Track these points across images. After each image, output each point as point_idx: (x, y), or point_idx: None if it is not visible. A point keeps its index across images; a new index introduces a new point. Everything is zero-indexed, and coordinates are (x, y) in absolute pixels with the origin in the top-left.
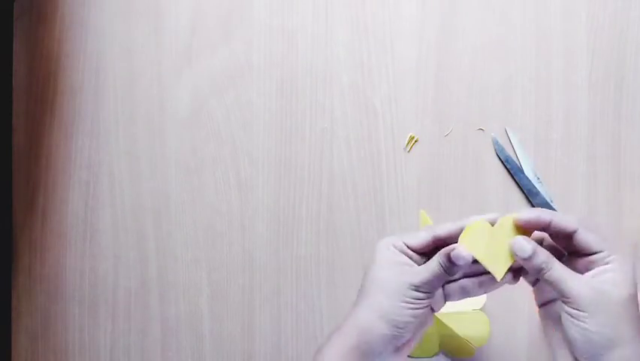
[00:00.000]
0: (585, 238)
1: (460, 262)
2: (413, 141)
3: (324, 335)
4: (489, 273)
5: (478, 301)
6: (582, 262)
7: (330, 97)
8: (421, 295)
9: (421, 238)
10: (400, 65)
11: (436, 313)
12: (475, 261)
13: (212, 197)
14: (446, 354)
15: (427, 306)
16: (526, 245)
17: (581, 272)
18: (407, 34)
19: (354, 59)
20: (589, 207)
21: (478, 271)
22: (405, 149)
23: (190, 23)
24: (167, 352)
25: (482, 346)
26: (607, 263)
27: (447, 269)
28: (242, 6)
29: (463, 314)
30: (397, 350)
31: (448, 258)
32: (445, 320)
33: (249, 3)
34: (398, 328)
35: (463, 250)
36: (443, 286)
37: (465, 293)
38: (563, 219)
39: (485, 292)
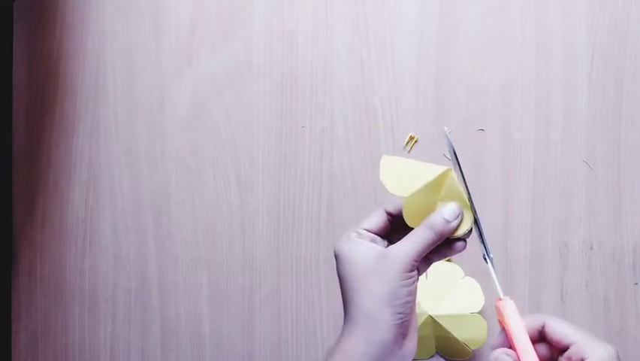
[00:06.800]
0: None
1: (456, 221)
2: (413, 141)
3: (324, 335)
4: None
5: (477, 304)
6: None
7: (330, 97)
8: (414, 268)
9: (377, 218)
10: (400, 65)
11: (433, 315)
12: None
13: (212, 197)
14: (442, 356)
15: (417, 277)
16: (455, 210)
17: None
18: (407, 34)
19: (354, 59)
20: (589, 207)
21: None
22: (405, 149)
23: (190, 23)
24: (167, 352)
25: (479, 348)
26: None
27: (440, 234)
28: (242, 6)
29: (461, 317)
30: (402, 346)
31: (445, 220)
32: (442, 322)
33: (249, 3)
34: (399, 313)
35: (455, 208)
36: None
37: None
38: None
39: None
